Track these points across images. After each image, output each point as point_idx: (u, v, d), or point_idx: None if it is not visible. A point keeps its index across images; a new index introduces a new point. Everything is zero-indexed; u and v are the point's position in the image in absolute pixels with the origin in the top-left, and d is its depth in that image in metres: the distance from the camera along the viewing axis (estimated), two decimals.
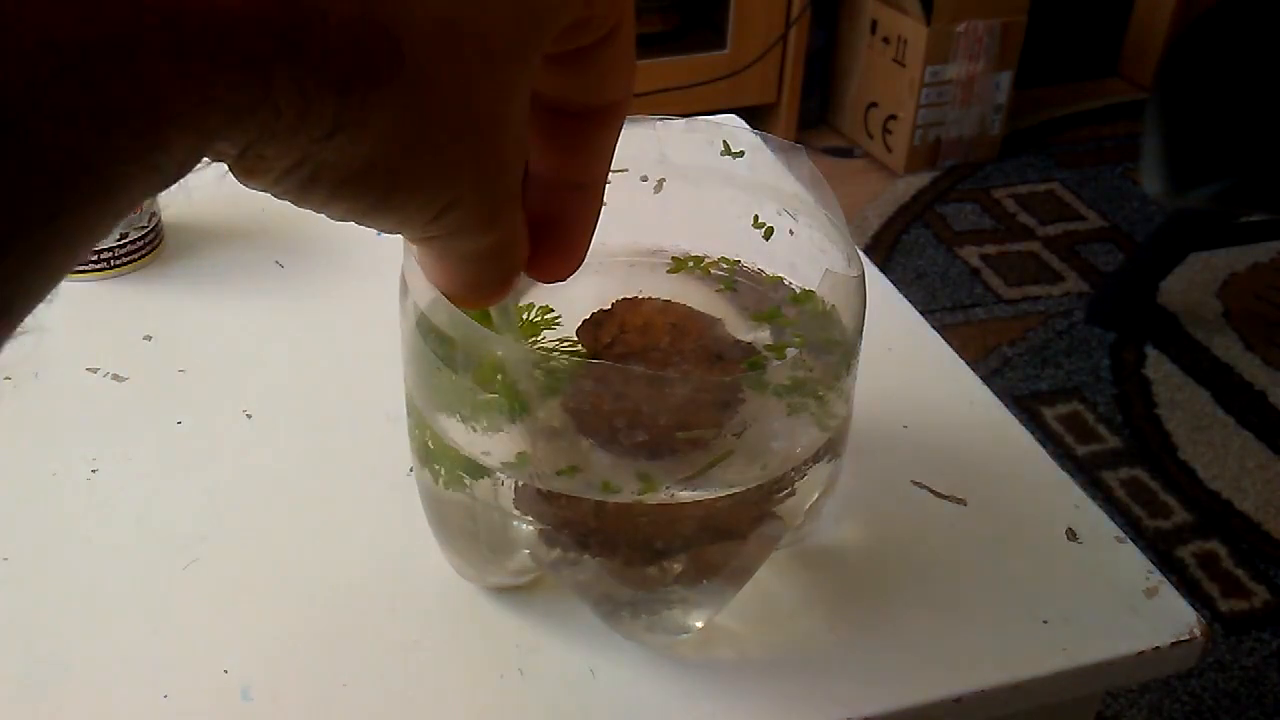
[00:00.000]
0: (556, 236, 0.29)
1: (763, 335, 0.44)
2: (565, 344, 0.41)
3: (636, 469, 0.37)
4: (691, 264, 0.47)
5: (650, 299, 0.43)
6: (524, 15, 0.23)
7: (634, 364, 0.40)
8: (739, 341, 0.42)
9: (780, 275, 0.46)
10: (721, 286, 0.46)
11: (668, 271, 0.45)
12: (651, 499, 0.38)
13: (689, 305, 0.43)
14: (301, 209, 0.23)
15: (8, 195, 0.16)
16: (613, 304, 0.42)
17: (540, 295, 0.42)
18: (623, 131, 0.30)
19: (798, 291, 0.45)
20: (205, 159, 0.20)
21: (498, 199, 0.25)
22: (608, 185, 0.31)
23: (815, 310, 0.41)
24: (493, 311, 0.36)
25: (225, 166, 0.21)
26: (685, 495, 0.38)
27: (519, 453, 0.38)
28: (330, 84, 0.20)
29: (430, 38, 0.21)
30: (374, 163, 0.22)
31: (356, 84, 0.20)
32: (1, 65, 0.16)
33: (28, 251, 0.17)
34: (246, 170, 0.21)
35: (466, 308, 0.32)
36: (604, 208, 0.30)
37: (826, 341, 0.40)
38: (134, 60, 0.17)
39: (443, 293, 0.29)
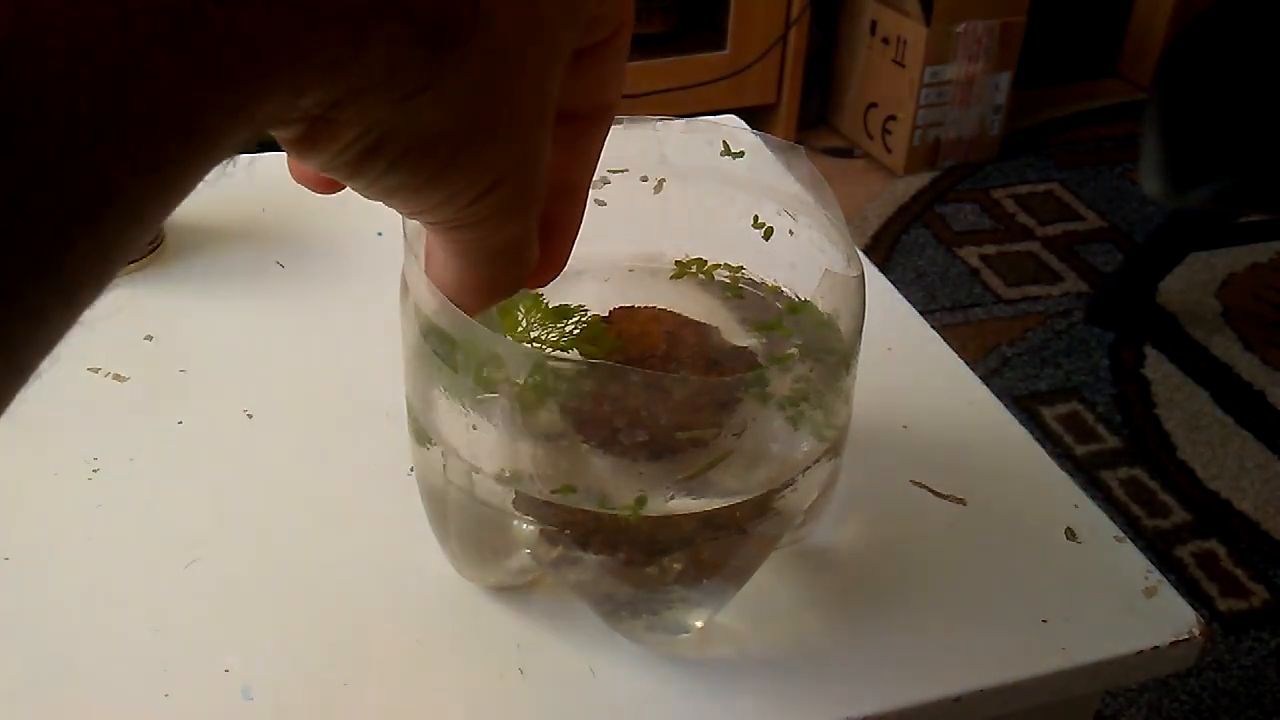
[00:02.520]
0: (544, 239, 0.29)
1: (760, 342, 0.44)
2: (564, 349, 0.42)
3: (637, 469, 0.37)
4: (694, 268, 0.47)
5: (646, 307, 0.43)
6: None
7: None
8: (735, 348, 0.42)
9: (779, 285, 0.46)
10: (730, 294, 0.46)
11: (671, 277, 0.45)
12: (650, 510, 0.38)
13: (685, 314, 0.43)
14: (352, 188, 0.24)
15: (120, 140, 0.17)
16: (610, 312, 0.43)
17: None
18: (623, 131, 0.30)
19: (795, 300, 0.45)
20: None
21: (533, 187, 0.26)
22: (608, 185, 0.31)
23: (814, 319, 0.41)
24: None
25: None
26: (683, 506, 0.38)
27: (512, 470, 0.38)
28: (419, 41, 0.20)
29: (509, 7, 0.22)
30: (443, 130, 0.22)
31: (443, 42, 0.21)
32: (125, 23, 0.16)
33: (129, 200, 0.17)
34: (313, 138, 0.22)
35: (470, 310, 0.32)
36: (604, 208, 0.30)
37: (826, 350, 0.40)
38: (239, 16, 0.17)
39: (449, 293, 0.29)
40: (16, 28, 0.15)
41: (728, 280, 0.47)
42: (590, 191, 0.31)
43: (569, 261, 0.31)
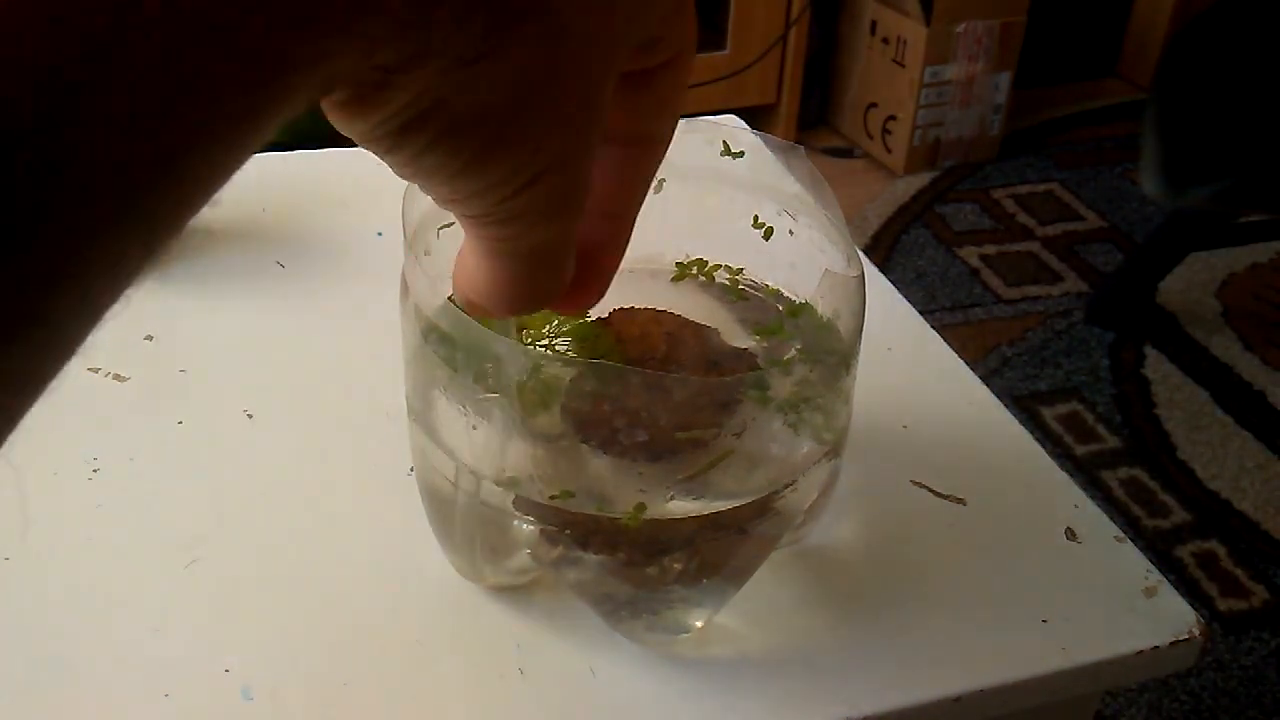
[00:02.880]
0: (584, 265, 0.28)
1: (761, 345, 0.44)
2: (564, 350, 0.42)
3: (636, 470, 0.37)
4: (695, 269, 0.46)
5: (645, 309, 0.43)
6: (637, 3, 0.24)
7: None
8: (735, 349, 0.42)
9: (779, 288, 0.46)
10: (734, 298, 0.46)
11: (671, 279, 0.45)
12: (650, 515, 0.38)
13: (684, 316, 0.43)
14: (385, 164, 0.24)
15: (211, 81, 0.17)
16: (609, 314, 0.43)
17: None
18: None
19: (795, 303, 0.45)
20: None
21: (575, 187, 0.25)
22: None
23: (814, 322, 0.41)
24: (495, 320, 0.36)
25: None
26: (683, 509, 0.38)
27: (512, 470, 0.38)
28: (486, 8, 0.20)
29: None
30: (493, 105, 0.22)
31: (509, 13, 0.21)
32: None
33: (214, 146, 0.18)
34: (363, 101, 0.21)
35: (498, 315, 0.30)
36: None
37: (826, 351, 0.40)
38: None
39: (478, 297, 0.27)
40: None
41: (728, 282, 0.47)
42: None
43: None
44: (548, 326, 0.42)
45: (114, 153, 0.16)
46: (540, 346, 0.41)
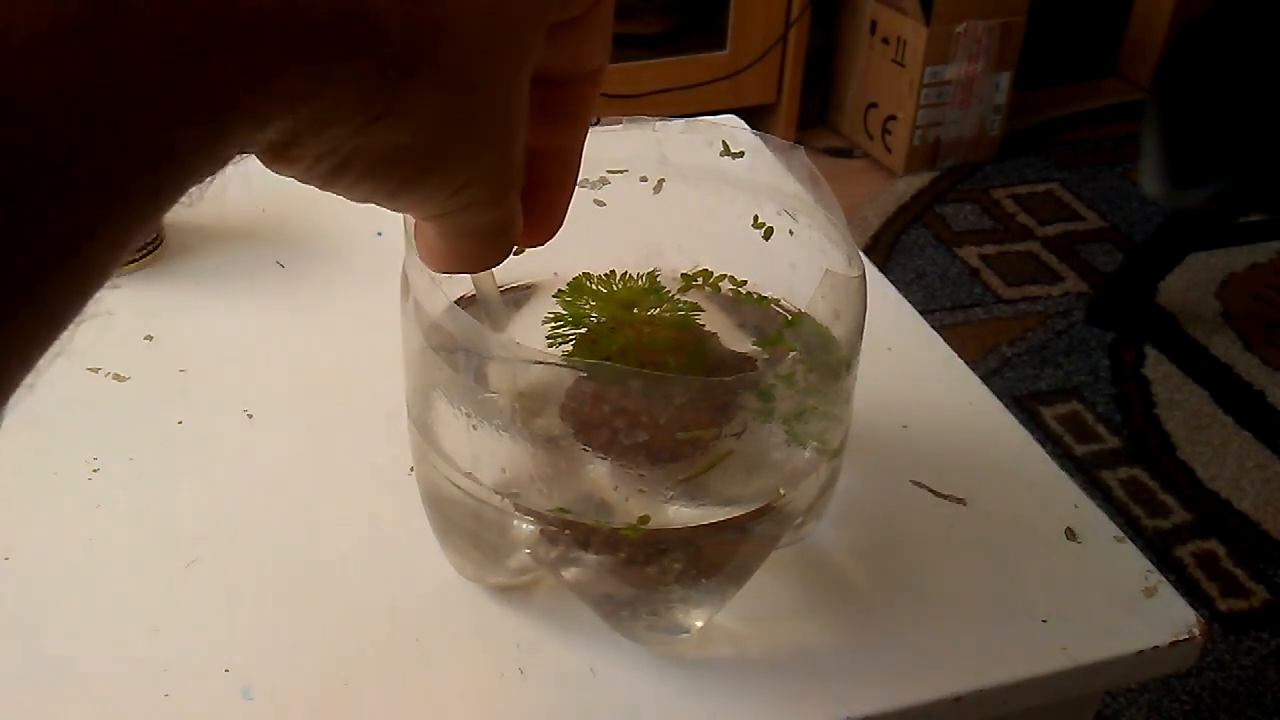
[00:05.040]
0: (538, 200, 0.29)
1: (760, 355, 0.43)
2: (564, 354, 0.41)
3: (636, 472, 0.37)
4: (700, 279, 0.46)
5: (647, 313, 0.43)
6: None
7: None
8: (736, 354, 0.42)
9: (780, 298, 0.46)
10: (741, 301, 0.46)
11: (678, 290, 0.45)
12: (651, 524, 0.38)
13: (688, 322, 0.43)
14: (325, 192, 0.24)
15: (96, 173, 0.17)
16: (611, 318, 0.42)
17: (543, 308, 0.42)
18: (623, 131, 0.30)
19: (795, 312, 0.45)
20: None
21: (510, 173, 0.26)
22: (607, 186, 0.31)
23: (814, 328, 0.41)
24: (484, 314, 0.36)
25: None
26: (683, 517, 0.38)
27: (511, 470, 0.38)
28: (383, 74, 0.21)
29: (470, 32, 0.22)
30: (407, 147, 0.23)
31: (406, 76, 0.21)
32: (110, 62, 0.17)
33: (108, 226, 0.18)
34: (281, 158, 0.22)
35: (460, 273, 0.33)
36: (604, 208, 0.30)
37: (826, 352, 0.40)
38: (209, 57, 0.18)
39: (437, 266, 0.29)
40: (23, 66, 0.16)
41: (731, 293, 0.46)
42: (590, 192, 0.31)
43: (569, 263, 0.31)
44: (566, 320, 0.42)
45: (20, 235, 0.17)
46: (542, 347, 0.41)
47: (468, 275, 0.35)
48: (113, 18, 0.17)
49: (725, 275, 0.46)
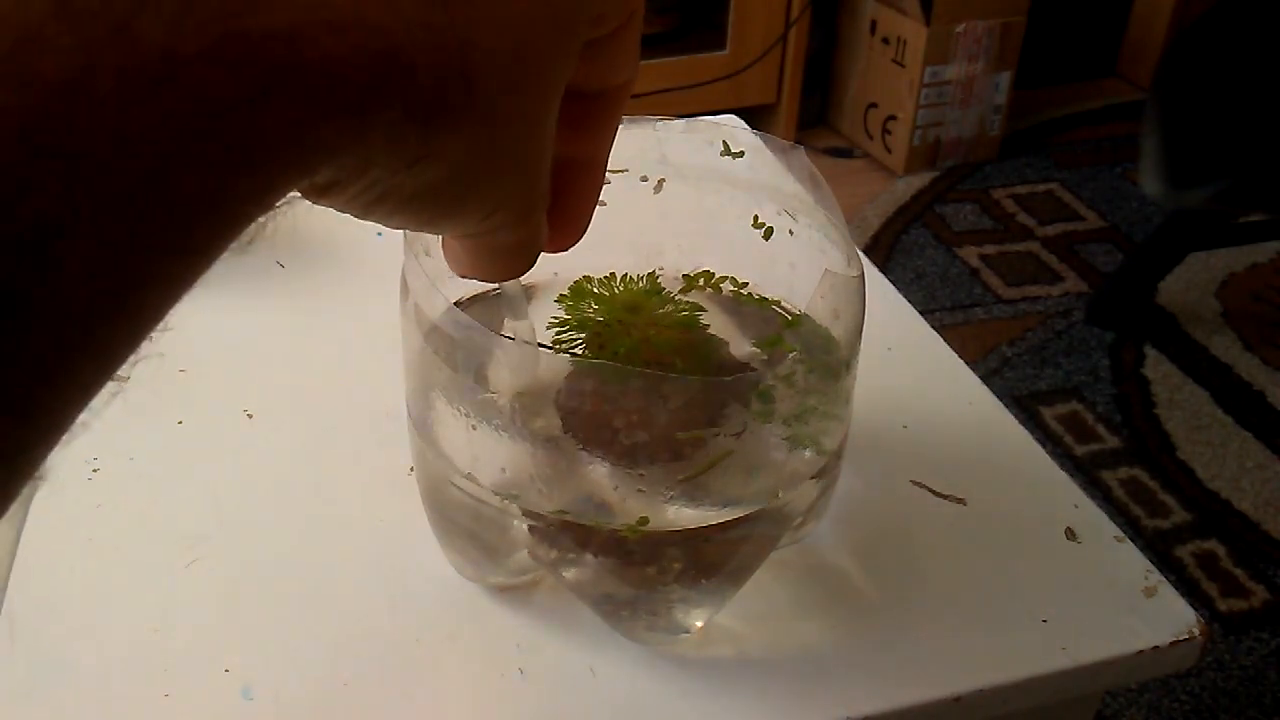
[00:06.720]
0: (561, 211, 0.30)
1: (759, 358, 0.43)
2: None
3: (636, 471, 0.37)
4: (701, 281, 0.46)
5: (647, 314, 0.43)
6: (564, 31, 0.25)
7: None
8: (738, 360, 0.42)
9: (781, 300, 0.46)
10: (743, 303, 0.46)
11: (680, 291, 0.45)
12: (650, 526, 0.38)
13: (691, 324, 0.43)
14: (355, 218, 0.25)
15: (158, 229, 0.19)
16: (611, 318, 0.42)
17: (543, 311, 0.42)
18: (623, 131, 0.30)
19: (795, 314, 0.45)
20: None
21: (536, 197, 0.27)
22: (608, 185, 0.31)
23: (813, 329, 0.41)
24: (505, 305, 0.37)
25: None
26: (682, 520, 0.38)
27: (511, 470, 0.38)
28: (416, 123, 0.22)
29: (497, 75, 0.23)
30: (443, 182, 0.24)
31: (437, 122, 0.22)
32: (166, 121, 0.18)
33: (160, 273, 0.20)
34: (323, 196, 0.24)
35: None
36: (604, 208, 0.30)
37: (826, 353, 0.40)
38: (258, 113, 0.19)
39: (463, 274, 0.30)
40: (72, 122, 0.17)
41: (731, 295, 0.46)
42: None
43: (569, 263, 0.31)
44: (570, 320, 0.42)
45: (77, 294, 0.18)
46: (546, 348, 0.41)
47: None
48: (180, 73, 0.18)
49: (727, 277, 0.46)
